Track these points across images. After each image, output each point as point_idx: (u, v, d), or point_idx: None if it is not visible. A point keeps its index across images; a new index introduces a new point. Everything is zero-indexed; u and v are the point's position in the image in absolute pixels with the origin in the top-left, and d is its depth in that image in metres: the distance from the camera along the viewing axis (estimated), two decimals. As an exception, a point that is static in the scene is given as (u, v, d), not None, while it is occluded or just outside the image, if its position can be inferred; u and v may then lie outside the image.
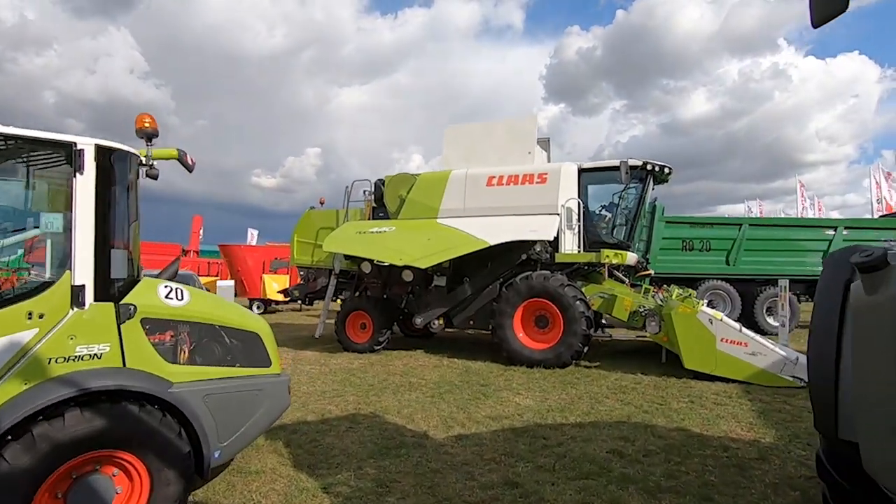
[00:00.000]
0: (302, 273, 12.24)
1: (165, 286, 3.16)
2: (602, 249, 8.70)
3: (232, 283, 15.12)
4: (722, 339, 7.16)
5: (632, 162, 8.86)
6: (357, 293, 11.07)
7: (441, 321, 9.73)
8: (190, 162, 13.90)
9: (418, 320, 9.70)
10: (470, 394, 6.60)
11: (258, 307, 19.21)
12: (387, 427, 5.21)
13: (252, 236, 30.79)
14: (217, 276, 22.38)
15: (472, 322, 9.59)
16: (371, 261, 9.71)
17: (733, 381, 6.98)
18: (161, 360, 2.98)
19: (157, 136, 3.33)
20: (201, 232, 29.76)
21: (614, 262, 8.83)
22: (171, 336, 3.09)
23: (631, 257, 9.35)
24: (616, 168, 8.88)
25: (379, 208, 10.77)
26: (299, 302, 13.60)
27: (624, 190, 9.24)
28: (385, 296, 10.61)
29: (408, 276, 9.87)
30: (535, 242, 8.74)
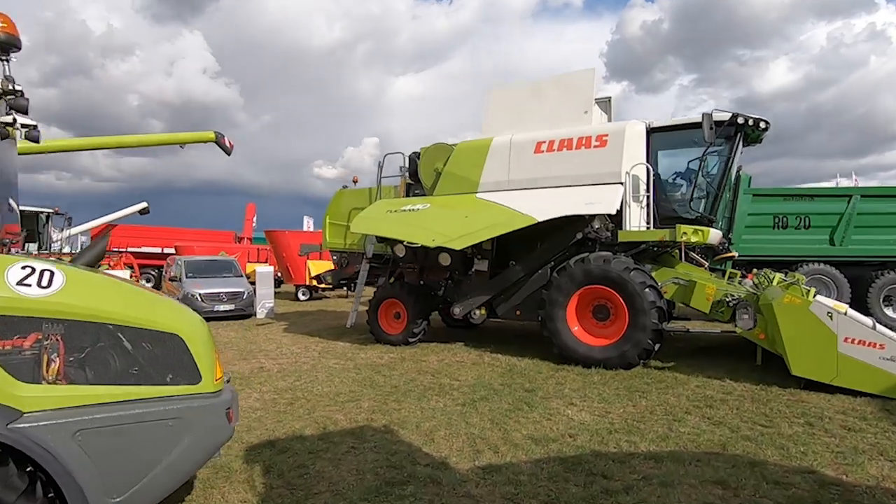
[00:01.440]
0: (335, 258, 11.38)
1: (23, 267, 2.16)
2: (678, 225, 7.07)
3: (271, 268, 14.65)
4: (846, 339, 5.44)
5: (717, 115, 7.12)
6: (391, 279, 10.07)
7: (482, 311, 8.50)
8: (228, 144, 13.13)
9: (457, 310, 8.53)
10: (510, 402, 5.36)
11: (304, 294, 18.82)
12: (398, 449, 4.09)
13: (308, 223, 30.75)
14: (266, 262, 22.30)
15: (518, 312, 8.28)
16: (405, 243, 8.62)
17: (863, 394, 5.27)
18: (7, 379, 1.98)
19: (16, 46, 2.29)
20: (255, 220, 30.08)
21: (693, 240, 7.16)
22: (29, 341, 2.09)
23: (714, 235, 7.61)
24: (695, 125, 7.18)
25: (414, 185, 9.63)
26: (345, 288, 12.83)
27: (706, 152, 7.50)
28: (421, 282, 9.52)
29: (445, 259, 8.70)
30: (592, 218, 7.27)
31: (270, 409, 5.21)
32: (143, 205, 25.40)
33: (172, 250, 22.47)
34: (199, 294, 12.47)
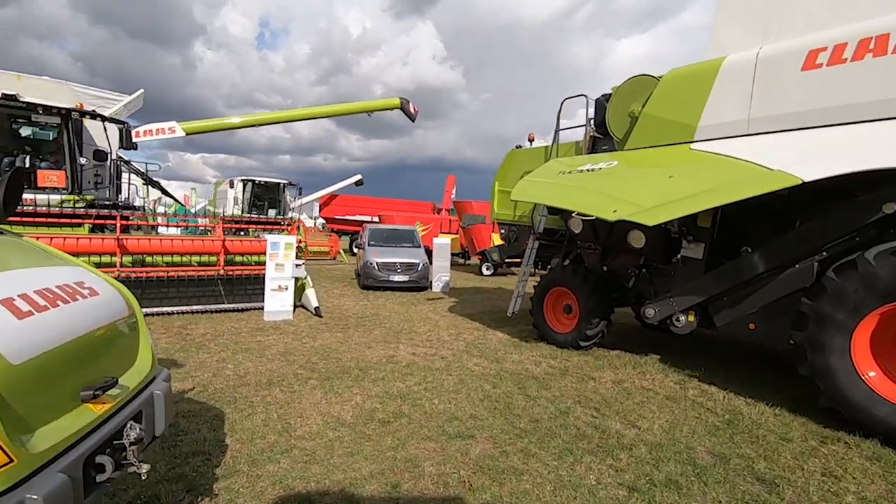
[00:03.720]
0: (503, 231, 9.73)
1: None
2: None
3: (448, 240, 13.86)
4: None
5: None
6: (565, 261, 7.96)
7: (691, 317, 5.81)
8: (412, 110, 12.26)
9: (650, 311, 6.03)
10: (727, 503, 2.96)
11: (487, 268, 17.82)
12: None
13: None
14: (458, 233, 22.10)
15: (752, 326, 5.35)
16: (575, 214, 6.45)
17: None
18: None
19: None
20: (454, 191, 30.55)
21: None
22: None
23: None
24: None
25: (602, 138, 7.25)
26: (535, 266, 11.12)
27: None
28: (604, 268, 7.20)
29: (637, 239, 6.25)
30: (925, 176, 3.95)
31: (354, 428, 3.92)
32: (358, 177, 28.01)
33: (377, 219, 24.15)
34: (376, 263, 12.38)
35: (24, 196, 8.44)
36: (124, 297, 2.11)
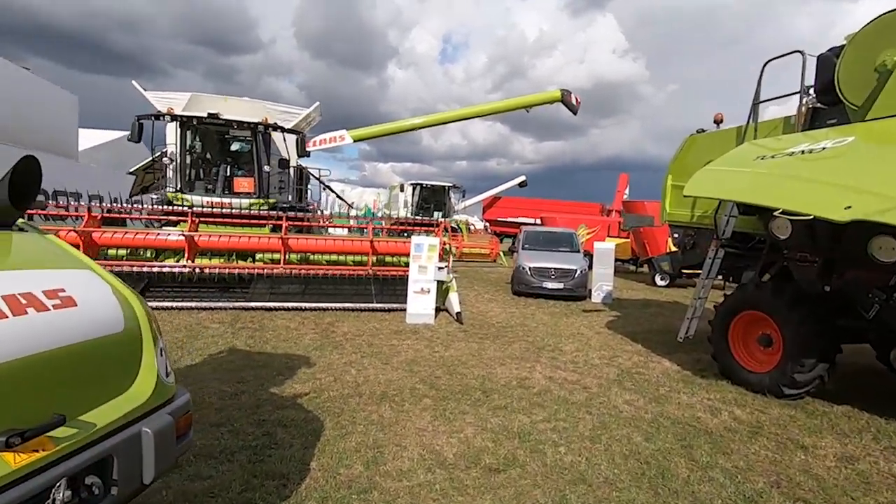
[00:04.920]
0: (676, 236, 7.96)
1: None
2: None
3: (612, 244, 12.27)
4: None
5: None
6: (763, 276, 6.06)
7: None
8: (574, 101, 11.34)
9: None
10: None
11: (662, 278, 15.39)
12: None
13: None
14: (627, 237, 19.82)
15: None
16: (778, 212, 4.70)
17: None
18: None
19: None
20: (626, 191, 27.78)
21: None
22: None
23: None
24: None
25: (827, 109, 5.29)
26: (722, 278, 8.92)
27: None
28: (825, 287, 5.20)
29: (886, 248, 4.28)
30: None
31: (451, 472, 3.21)
32: (522, 178, 27.41)
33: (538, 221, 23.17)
34: (529, 268, 11.53)
35: (223, 200, 9.88)
36: (124, 310, 1.77)
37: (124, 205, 9.75)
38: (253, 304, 8.12)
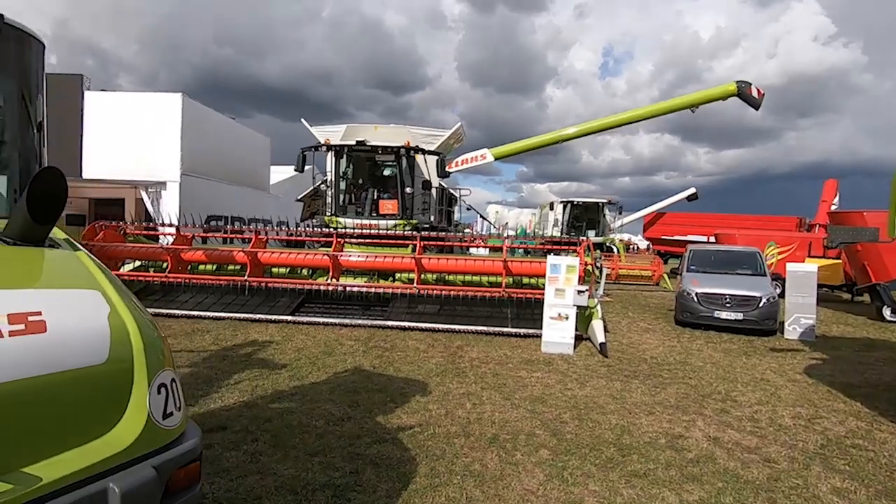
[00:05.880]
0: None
1: None
2: None
3: (814, 266, 9.69)
4: None
5: None
6: None
7: None
8: (756, 94, 9.76)
9: None
10: None
11: (894, 312, 11.68)
12: None
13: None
14: (838, 257, 15.76)
15: None
16: None
17: None
18: None
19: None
20: (835, 200, 22.48)
21: None
22: None
23: None
24: None
25: None
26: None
27: None
28: None
29: None
30: None
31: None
32: (692, 191, 24.19)
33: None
34: (696, 293, 9.70)
35: (371, 222, 10.41)
36: (114, 337, 1.52)
37: (294, 229, 10.89)
38: (389, 323, 8.20)
